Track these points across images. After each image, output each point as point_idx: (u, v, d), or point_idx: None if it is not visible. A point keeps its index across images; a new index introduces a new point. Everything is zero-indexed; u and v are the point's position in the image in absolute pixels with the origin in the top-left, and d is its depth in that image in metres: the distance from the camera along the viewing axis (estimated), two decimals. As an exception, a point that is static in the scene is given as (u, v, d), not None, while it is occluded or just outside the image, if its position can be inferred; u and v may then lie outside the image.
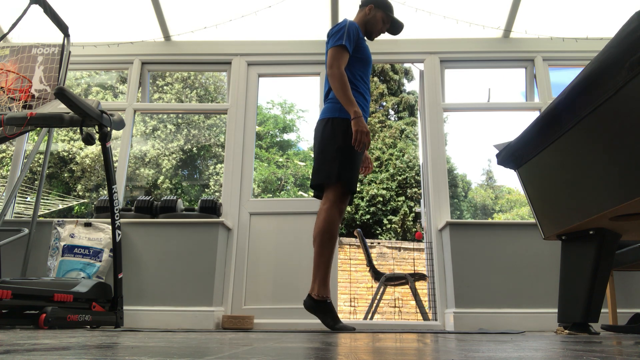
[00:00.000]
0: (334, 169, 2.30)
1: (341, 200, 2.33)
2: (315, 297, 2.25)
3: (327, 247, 2.27)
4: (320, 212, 2.32)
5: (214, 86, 13.61)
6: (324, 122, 2.42)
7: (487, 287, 2.91)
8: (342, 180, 2.29)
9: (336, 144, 2.33)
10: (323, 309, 2.24)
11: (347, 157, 2.32)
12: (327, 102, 2.48)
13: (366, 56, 2.51)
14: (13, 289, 1.94)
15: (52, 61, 3.12)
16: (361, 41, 2.49)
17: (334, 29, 2.45)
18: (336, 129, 2.35)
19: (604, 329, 2.38)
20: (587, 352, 0.84)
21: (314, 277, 2.27)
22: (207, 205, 3.15)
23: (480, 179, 19.44)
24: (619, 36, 1.52)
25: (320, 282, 2.25)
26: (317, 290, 2.24)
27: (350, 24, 2.43)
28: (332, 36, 2.42)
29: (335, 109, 2.39)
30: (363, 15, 2.61)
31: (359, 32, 2.47)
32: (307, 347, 0.95)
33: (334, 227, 2.29)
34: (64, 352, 0.74)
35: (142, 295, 2.90)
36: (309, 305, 2.26)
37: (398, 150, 13.96)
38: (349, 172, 2.32)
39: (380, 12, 2.60)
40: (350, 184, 2.32)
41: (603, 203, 1.69)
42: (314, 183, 2.39)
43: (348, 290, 8.55)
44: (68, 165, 11.84)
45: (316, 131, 2.46)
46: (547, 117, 1.93)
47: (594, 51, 3.35)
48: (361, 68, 2.49)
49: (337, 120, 2.36)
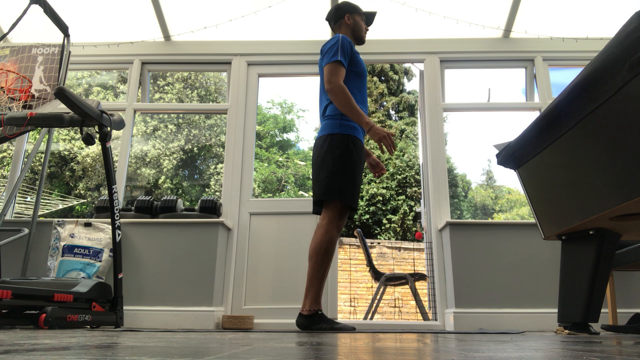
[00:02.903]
0: (334, 186, 2.27)
1: (340, 217, 2.30)
2: (306, 314, 2.21)
3: (323, 265, 2.23)
4: (319, 229, 2.28)
5: (215, 86, 13.61)
6: (323, 138, 2.37)
7: (487, 287, 2.91)
8: (343, 198, 2.27)
9: (336, 160, 2.29)
10: (316, 320, 2.19)
11: (348, 174, 2.28)
12: (325, 118, 2.44)
13: (361, 69, 2.49)
14: (13, 289, 1.94)
15: (52, 61, 3.12)
16: (355, 55, 2.47)
17: (327, 45, 2.43)
18: (336, 145, 2.31)
19: (604, 329, 2.38)
20: (587, 352, 0.84)
21: (307, 293, 2.23)
22: (207, 205, 3.15)
23: (480, 179, 19.44)
24: (619, 36, 1.51)
25: (313, 298, 2.21)
26: (309, 306, 2.21)
27: (343, 39, 2.42)
28: (327, 52, 2.40)
29: (335, 125, 2.35)
30: (346, 26, 2.61)
31: (352, 46, 2.46)
32: (307, 347, 0.95)
33: (332, 244, 2.25)
34: (64, 352, 0.74)
35: (142, 295, 2.90)
36: (301, 324, 2.21)
37: (398, 150, 13.97)
38: (351, 189, 2.28)
39: (356, 15, 2.63)
40: (352, 201, 2.29)
41: (603, 203, 1.69)
42: (317, 199, 2.35)
43: (348, 290, 8.55)
44: (69, 165, 11.85)
45: (315, 148, 2.42)
46: (547, 117, 1.93)
47: (594, 51, 3.35)
48: (357, 81, 2.47)
49: (337, 136, 2.33)
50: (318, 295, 2.23)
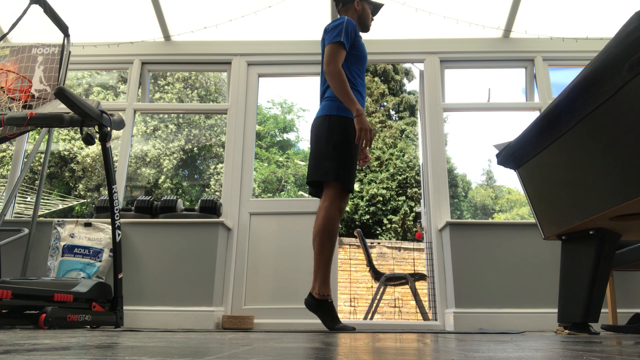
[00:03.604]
0: (331, 167, 2.29)
1: (340, 199, 2.33)
2: (316, 296, 2.25)
3: (327, 246, 2.27)
4: (320, 210, 2.31)
5: (215, 86, 13.61)
6: (320, 119, 2.41)
7: (487, 287, 2.91)
8: (339, 179, 2.29)
9: (334, 141, 2.32)
10: (324, 309, 2.25)
11: (345, 155, 2.31)
12: (324, 100, 2.47)
13: (362, 53, 2.52)
14: (13, 289, 1.94)
15: (52, 61, 3.12)
16: (358, 38, 2.50)
17: (332, 24, 2.45)
18: (334, 127, 2.35)
19: (604, 329, 2.38)
20: (587, 352, 0.84)
21: (315, 275, 2.27)
22: (207, 205, 3.15)
23: (480, 179, 19.42)
24: (619, 36, 1.51)
25: (322, 280, 2.25)
26: (319, 289, 2.25)
27: (349, 21, 2.44)
28: (330, 32, 2.42)
29: (333, 107, 2.38)
30: (354, 11, 2.64)
31: (356, 30, 2.49)
32: (307, 347, 0.95)
33: (334, 225, 2.28)
34: (64, 352, 0.74)
35: (142, 295, 2.90)
36: (310, 304, 2.27)
37: (398, 150, 13.96)
38: (347, 171, 2.31)
39: (365, 2, 2.67)
40: (348, 182, 2.32)
41: (603, 203, 1.69)
42: (311, 180, 2.39)
43: (348, 290, 8.55)
44: (69, 165, 11.85)
45: (313, 128, 2.45)
46: (547, 117, 1.93)
47: (594, 51, 3.35)
48: (357, 65, 2.50)
49: (335, 118, 2.36)
50: (326, 277, 2.26)
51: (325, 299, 2.25)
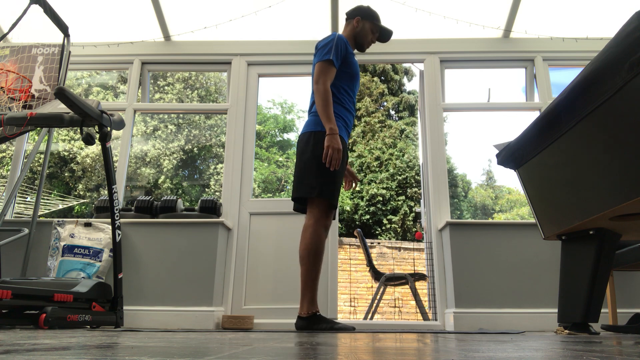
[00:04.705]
0: (316, 183, 2.26)
1: (326, 216, 2.29)
2: (304, 316, 2.20)
3: (315, 265, 2.22)
4: (306, 229, 2.27)
5: (215, 86, 13.61)
6: (306, 135, 2.37)
7: (487, 287, 2.91)
8: (323, 195, 2.26)
9: (318, 157, 2.28)
10: (314, 321, 2.19)
11: (329, 172, 2.27)
12: (310, 114, 2.44)
13: (354, 71, 2.47)
14: (13, 289, 1.94)
15: (52, 61, 3.12)
16: (350, 56, 2.45)
17: (322, 42, 2.42)
18: (318, 143, 2.30)
19: (604, 329, 2.38)
20: (587, 352, 0.84)
21: (303, 296, 2.22)
22: (207, 205, 3.15)
23: (480, 179, 19.43)
24: (619, 36, 1.51)
25: (309, 299, 2.21)
26: (307, 309, 2.19)
27: (339, 38, 2.40)
28: (320, 49, 2.39)
29: (318, 123, 2.34)
30: (351, 28, 2.57)
31: (347, 47, 2.44)
32: (307, 347, 0.95)
33: (321, 244, 2.24)
34: (64, 352, 0.74)
35: (142, 295, 2.90)
36: (301, 326, 2.20)
37: (398, 150, 13.96)
38: (331, 187, 2.28)
39: (368, 22, 2.57)
40: (332, 198, 2.28)
41: (603, 203, 1.69)
42: (295, 196, 2.35)
43: (348, 290, 8.55)
44: (69, 165, 11.84)
45: (299, 144, 2.41)
46: (547, 117, 1.93)
47: (594, 51, 3.35)
48: (347, 82, 2.45)
49: (320, 134, 2.31)
50: (314, 296, 2.22)
51: (313, 314, 2.20)
